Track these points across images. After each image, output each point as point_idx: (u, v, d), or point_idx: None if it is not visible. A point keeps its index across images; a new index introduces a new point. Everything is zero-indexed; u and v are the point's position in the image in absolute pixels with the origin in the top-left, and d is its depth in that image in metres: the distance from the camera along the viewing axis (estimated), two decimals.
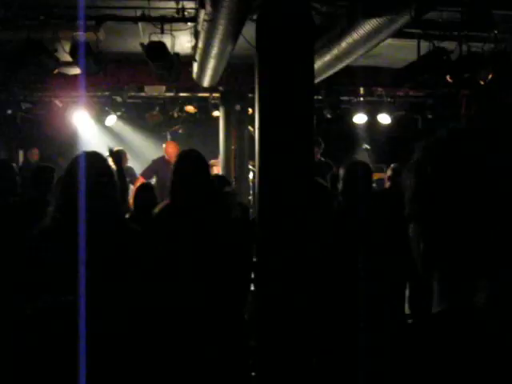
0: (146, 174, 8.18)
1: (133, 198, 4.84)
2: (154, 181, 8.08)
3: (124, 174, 3.68)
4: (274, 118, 3.76)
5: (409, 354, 0.90)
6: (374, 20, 4.99)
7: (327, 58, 6.33)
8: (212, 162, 9.96)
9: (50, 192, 4.21)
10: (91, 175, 2.65)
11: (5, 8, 5.84)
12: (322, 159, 7.57)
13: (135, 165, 9.11)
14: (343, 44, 5.78)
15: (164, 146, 9.01)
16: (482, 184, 0.93)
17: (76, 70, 7.00)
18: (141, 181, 7.61)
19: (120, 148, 8.79)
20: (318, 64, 6.23)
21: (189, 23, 6.19)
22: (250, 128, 9.11)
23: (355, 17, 5.23)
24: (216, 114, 9.96)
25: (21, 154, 11.01)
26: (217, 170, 9.60)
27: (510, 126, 0.96)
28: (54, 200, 2.85)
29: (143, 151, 11.22)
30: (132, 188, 8.38)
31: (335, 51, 6.08)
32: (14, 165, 5.89)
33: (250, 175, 9.26)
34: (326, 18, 5.71)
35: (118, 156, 3.47)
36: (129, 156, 8.86)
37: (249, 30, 5.22)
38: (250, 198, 8.75)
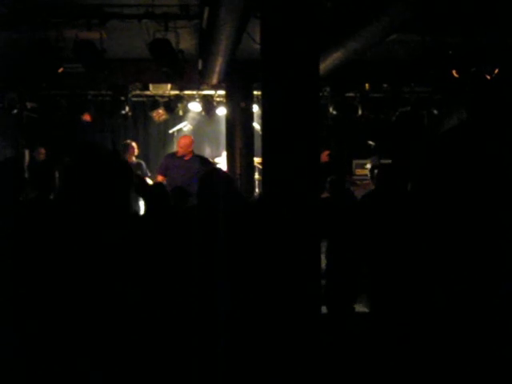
0: (160, 171, 7.86)
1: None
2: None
3: None
4: (280, 114, 3.74)
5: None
6: (380, 16, 4.97)
7: (332, 54, 6.31)
8: (215, 160, 9.95)
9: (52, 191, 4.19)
10: None
11: (9, 8, 5.84)
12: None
13: None
14: (348, 40, 5.76)
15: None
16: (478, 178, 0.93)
17: (81, 69, 7.00)
18: (159, 178, 7.46)
19: (127, 141, 9.00)
20: (322, 60, 6.20)
21: (193, 20, 6.17)
22: (254, 125, 9.10)
23: (359, 12, 5.21)
24: (221, 111, 9.95)
25: (27, 153, 11.03)
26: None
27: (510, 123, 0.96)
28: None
29: (149, 149, 11.23)
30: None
31: (340, 47, 6.05)
32: None
33: (256, 173, 9.25)
34: (330, 14, 5.68)
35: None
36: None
37: (253, 27, 5.21)
38: (256, 195, 8.73)
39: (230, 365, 3.24)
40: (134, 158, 8.71)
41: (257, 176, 9.28)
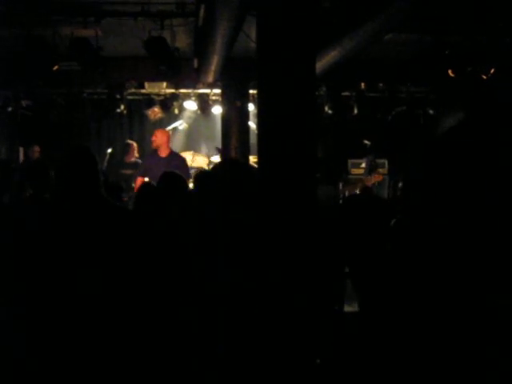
0: (139, 174, 7.63)
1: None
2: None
3: None
4: (275, 113, 3.73)
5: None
6: (376, 15, 4.96)
7: (328, 53, 6.30)
8: (211, 158, 9.95)
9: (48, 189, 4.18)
10: None
11: (5, 4, 5.81)
12: None
13: None
14: (345, 39, 5.75)
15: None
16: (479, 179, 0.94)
17: (76, 67, 6.98)
18: (140, 181, 7.21)
19: (128, 141, 9.17)
20: (318, 59, 6.20)
21: (189, 18, 6.16)
22: (250, 124, 9.10)
23: (355, 11, 5.20)
24: (217, 110, 9.93)
25: (21, 151, 10.99)
26: None
27: (507, 125, 0.96)
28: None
29: (144, 148, 11.21)
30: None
31: (337, 46, 6.05)
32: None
33: None
34: (327, 13, 5.68)
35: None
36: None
37: (249, 25, 5.20)
38: None
39: (228, 365, 3.24)
40: (133, 159, 8.84)
41: None
